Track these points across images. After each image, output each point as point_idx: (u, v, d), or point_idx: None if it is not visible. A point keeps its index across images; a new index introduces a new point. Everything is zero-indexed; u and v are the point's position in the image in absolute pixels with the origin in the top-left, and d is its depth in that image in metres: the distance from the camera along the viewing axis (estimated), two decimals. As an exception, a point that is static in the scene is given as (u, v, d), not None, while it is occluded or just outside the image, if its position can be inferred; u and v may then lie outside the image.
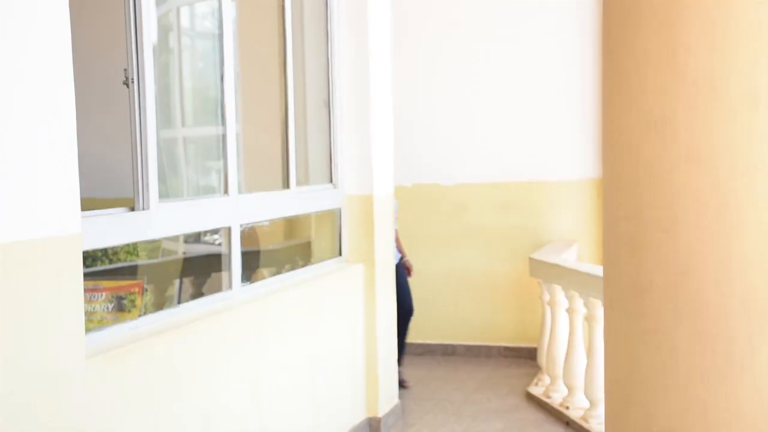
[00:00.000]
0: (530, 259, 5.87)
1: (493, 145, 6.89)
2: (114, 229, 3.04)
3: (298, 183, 4.62)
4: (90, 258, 3.57)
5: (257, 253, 4.62)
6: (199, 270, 4.40)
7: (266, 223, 4.68)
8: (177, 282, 4.41)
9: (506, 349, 6.83)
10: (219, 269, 4.07)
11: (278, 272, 4.64)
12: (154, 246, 4.30)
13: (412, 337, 6.56)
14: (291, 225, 5.13)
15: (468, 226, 6.92)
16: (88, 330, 2.76)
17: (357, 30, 4.97)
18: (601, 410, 4.73)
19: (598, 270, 4.70)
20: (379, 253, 5.08)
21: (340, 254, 5.06)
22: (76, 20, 2.59)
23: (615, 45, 2.19)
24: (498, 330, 6.84)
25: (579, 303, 5.11)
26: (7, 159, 2.28)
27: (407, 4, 6.78)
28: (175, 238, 4.31)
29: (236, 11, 4.00)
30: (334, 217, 5.07)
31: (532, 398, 5.68)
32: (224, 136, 3.88)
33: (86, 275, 2.69)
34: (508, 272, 6.80)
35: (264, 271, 4.64)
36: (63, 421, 2.46)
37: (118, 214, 3.08)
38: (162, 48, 4.24)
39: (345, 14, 4.97)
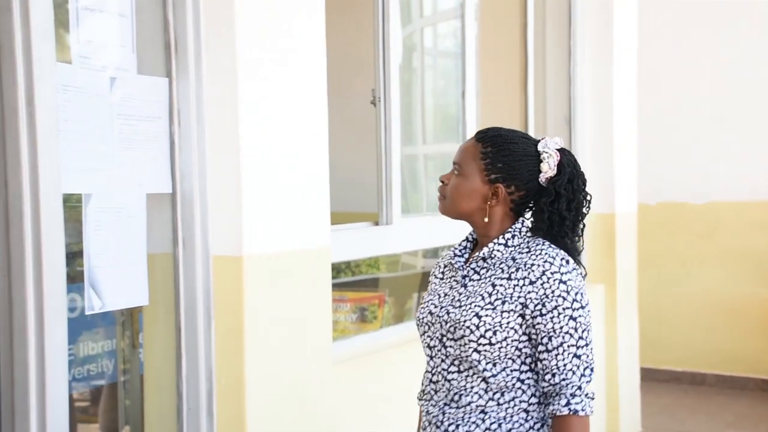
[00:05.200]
0: (792, 285, 5.35)
1: (750, 159, 6.36)
2: (359, 243, 3.17)
3: (537, 200, 4.55)
4: (335, 269, 3.75)
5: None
6: (437, 284, 4.45)
7: (504, 240, 4.65)
8: (415, 295, 4.51)
9: (766, 382, 6.25)
10: (456, 284, 4.09)
11: (515, 289, 4.58)
12: (393, 259, 4.43)
13: (657, 363, 6.23)
14: (528, 242, 5.05)
15: (720, 247, 6.43)
16: (333, 338, 2.89)
17: (601, 45, 4.82)
18: None
19: None
20: (621, 274, 4.87)
21: (579, 273, 4.91)
22: (329, 44, 2.74)
23: None
24: (755, 361, 6.28)
25: None
26: (273, 175, 2.46)
27: (651, 13, 6.47)
28: (413, 252, 4.41)
29: (478, 29, 4.03)
30: (573, 235, 4.94)
31: (793, 439, 5.16)
32: (464, 153, 3.91)
33: (332, 286, 2.83)
34: (766, 298, 6.24)
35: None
36: (312, 424, 2.60)
37: (364, 228, 3.21)
38: (405, 67, 4.38)
39: (589, 29, 4.84)
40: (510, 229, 1.87)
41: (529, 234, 1.88)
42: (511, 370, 1.81)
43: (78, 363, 2.89)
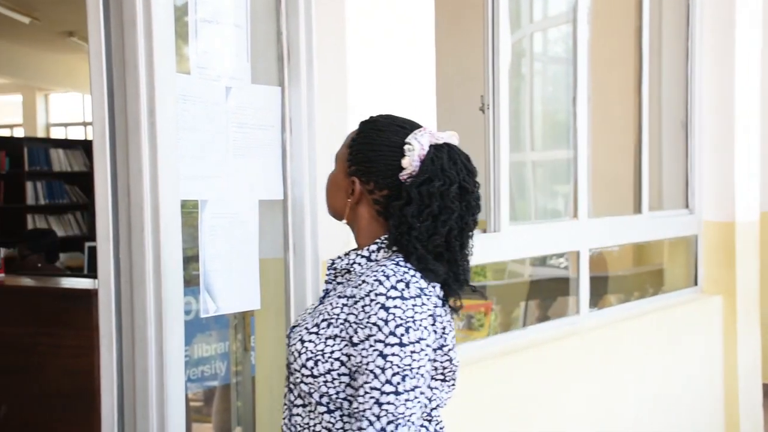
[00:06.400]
0: None
1: None
2: (467, 250, 3.14)
3: (651, 207, 4.42)
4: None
5: (605, 278, 4.50)
6: (545, 293, 4.40)
7: (615, 248, 4.54)
8: (522, 304, 4.45)
9: None
10: (565, 293, 4.03)
11: (627, 299, 4.48)
12: (499, 267, 4.39)
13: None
14: (641, 251, 4.92)
15: None
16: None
17: (722, 43, 4.63)
18: None
19: None
20: (741, 286, 4.66)
21: (696, 284, 4.73)
22: (437, 51, 2.74)
23: None
24: None
25: None
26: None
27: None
28: (520, 261, 4.36)
29: (590, 33, 3.95)
30: (689, 244, 4.77)
31: None
32: (574, 160, 3.84)
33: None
34: None
35: (611, 297, 4.51)
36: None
37: (472, 235, 3.18)
38: (514, 73, 4.34)
39: (709, 27, 4.66)
40: (378, 240, 1.52)
41: (394, 247, 1.49)
42: (348, 415, 1.42)
43: (192, 364, 2.98)
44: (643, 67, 4.34)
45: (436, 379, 1.50)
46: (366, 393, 1.35)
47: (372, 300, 1.38)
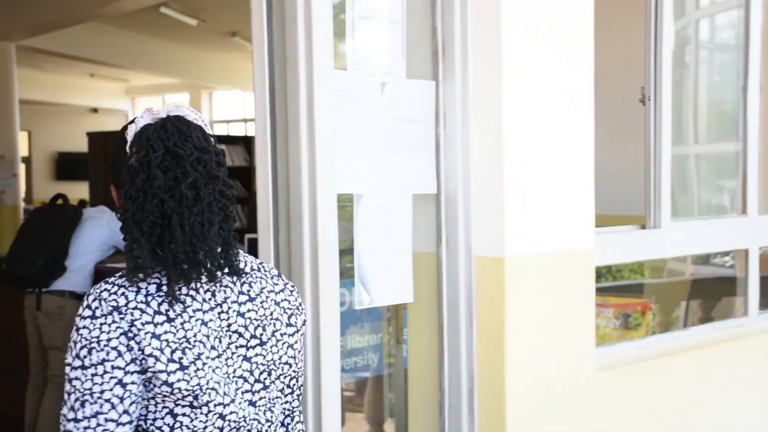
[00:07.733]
0: None
1: None
2: (624, 246, 3.04)
3: (829, 204, 4.11)
4: (596, 273, 3.64)
5: (777, 279, 4.23)
6: (708, 293, 4.20)
7: (788, 247, 4.25)
8: (683, 304, 4.26)
9: None
10: (731, 293, 3.83)
11: (800, 303, 4.18)
12: (658, 265, 4.22)
13: None
14: (819, 250, 4.57)
15: None
16: (595, 344, 2.80)
17: None
18: None
19: None
20: None
21: None
22: (596, 40, 2.65)
23: None
24: None
25: None
26: (536, 176, 2.43)
27: None
28: (681, 258, 4.18)
29: (764, 18, 3.70)
30: None
31: None
32: (744, 152, 3.63)
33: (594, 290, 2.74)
34: None
35: (784, 300, 4.23)
36: (572, 428, 2.54)
37: (629, 231, 3.07)
38: (677, 63, 4.15)
39: None
40: None
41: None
42: None
43: (345, 355, 3.05)
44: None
45: (182, 405, 1.31)
46: (59, 421, 1.27)
47: (75, 322, 1.30)
